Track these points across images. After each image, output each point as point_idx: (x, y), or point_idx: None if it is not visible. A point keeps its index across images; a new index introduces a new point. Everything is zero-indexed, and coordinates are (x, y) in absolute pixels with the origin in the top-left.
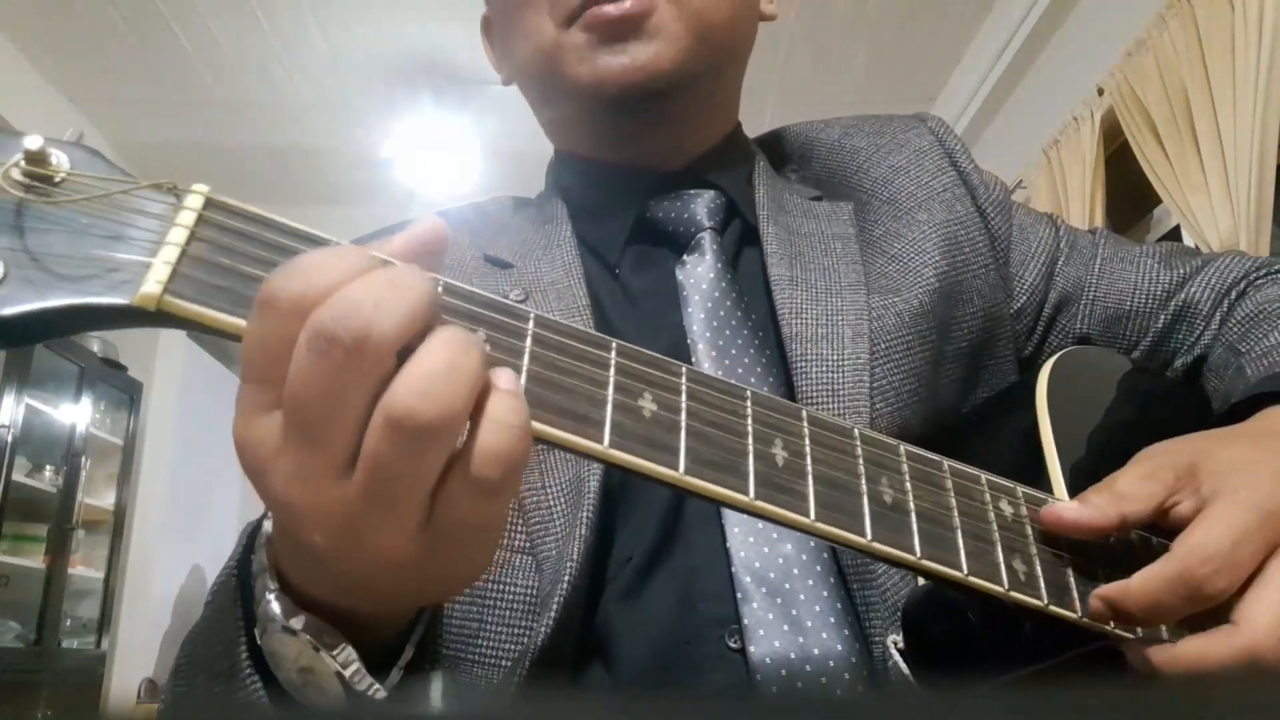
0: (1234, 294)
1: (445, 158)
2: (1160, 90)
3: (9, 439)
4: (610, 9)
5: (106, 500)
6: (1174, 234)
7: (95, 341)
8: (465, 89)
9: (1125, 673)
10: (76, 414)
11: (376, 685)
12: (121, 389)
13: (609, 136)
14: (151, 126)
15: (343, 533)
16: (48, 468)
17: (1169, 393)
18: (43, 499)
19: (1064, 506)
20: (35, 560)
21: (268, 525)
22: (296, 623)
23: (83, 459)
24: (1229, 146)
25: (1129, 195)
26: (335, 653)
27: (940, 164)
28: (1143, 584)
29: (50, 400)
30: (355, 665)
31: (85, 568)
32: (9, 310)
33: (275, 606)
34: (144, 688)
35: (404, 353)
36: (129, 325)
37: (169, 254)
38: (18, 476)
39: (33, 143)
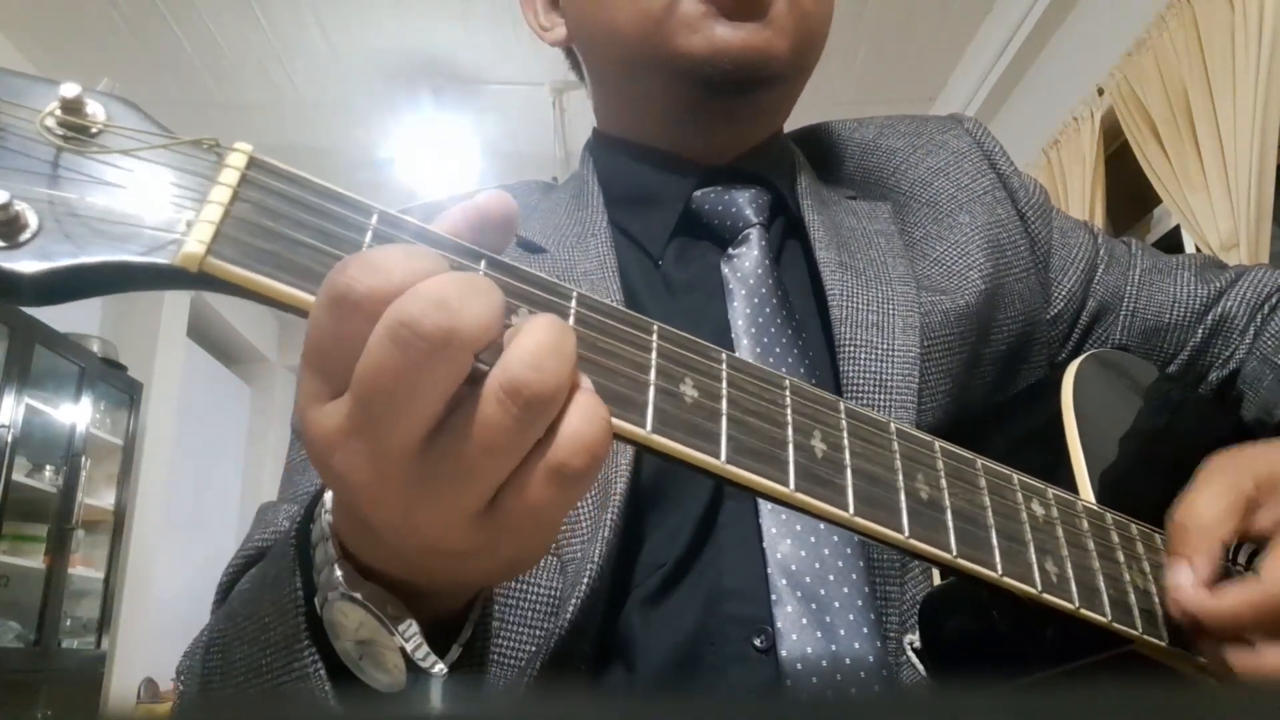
0: (1267, 308)
1: (445, 158)
2: (1160, 90)
3: (9, 439)
4: None
5: (106, 500)
6: (1174, 234)
7: (95, 341)
8: (465, 89)
9: (1147, 678)
10: (76, 414)
11: (438, 660)
12: (121, 389)
13: (676, 120)
14: None
15: (400, 514)
16: (48, 468)
17: (1194, 395)
18: (43, 499)
19: (1186, 596)
20: (35, 560)
21: (328, 496)
22: (360, 590)
23: (83, 459)
24: (1229, 146)
25: (1129, 195)
26: (399, 626)
27: (979, 166)
28: (1226, 607)
29: (50, 400)
30: (418, 640)
31: (85, 568)
32: (43, 265)
33: (339, 574)
34: (144, 688)
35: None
36: (167, 287)
37: (211, 213)
38: (18, 476)
39: (69, 90)
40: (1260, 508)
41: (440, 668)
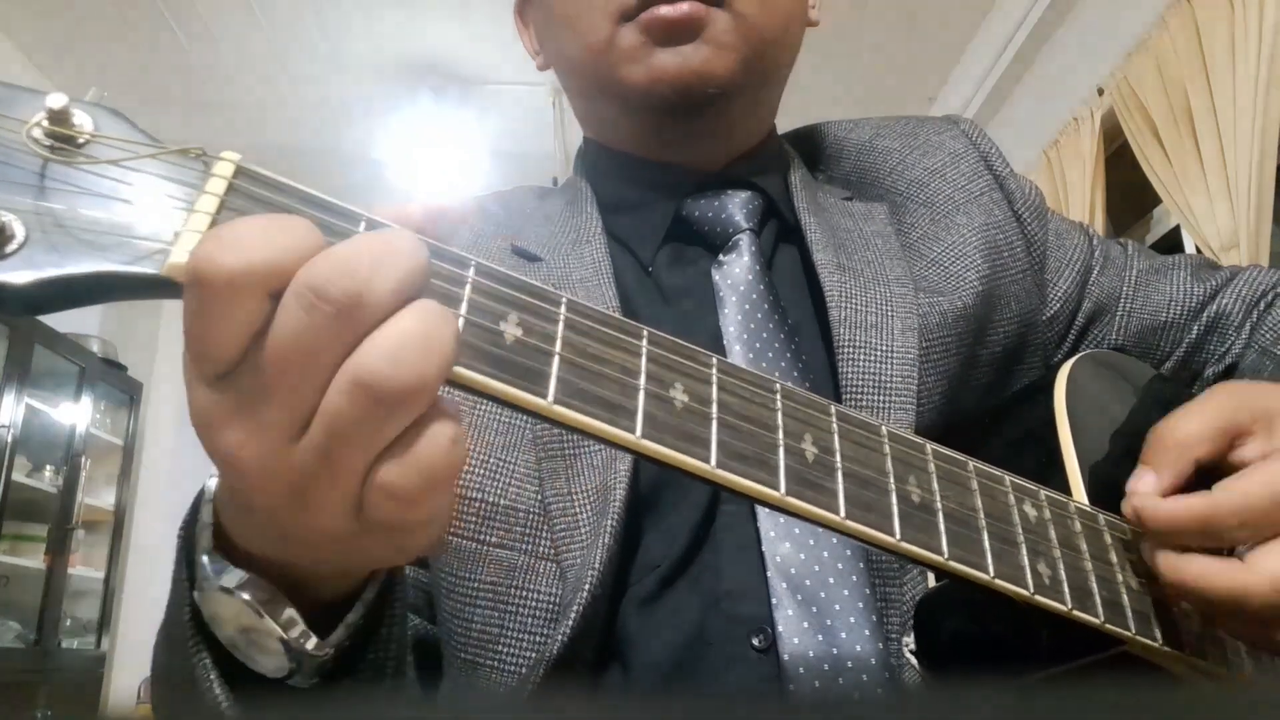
0: (1263, 304)
1: (444, 157)
2: (1160, 90)
3: (9, 439)
4: (668, 11)
5: (106, 500)
6: (1174, 234)
7: (95, 341)
8: (464, 89)
9: (1141, 679)
10: (76, 414)
11: (320, 643)
12: (121, 389)
13: (652, 138)
14: (150, 126)
15: (287, 497)
16: (48, 468)
17: (1187, 393)
18: (43, 499)
19: (1138, 500)
20: (35, 560)
21: (211, 483)
22: (231, 580)
23: (83, 459)
24: (1229, 146)
25: (1129, 195)
26: (275, 611)
27: (976, 167)
28: (1171, 510)
29: (50, 400)
30: (298, 626)
31: (85, 568)
32: (31, 276)
33: (208, 566)
34: (144, 688)
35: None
36: (154, 296)
37: (199, 223)
38: (18, 476)
39: (55, 101)
40: (1250, 439)
41: (324, 650)
